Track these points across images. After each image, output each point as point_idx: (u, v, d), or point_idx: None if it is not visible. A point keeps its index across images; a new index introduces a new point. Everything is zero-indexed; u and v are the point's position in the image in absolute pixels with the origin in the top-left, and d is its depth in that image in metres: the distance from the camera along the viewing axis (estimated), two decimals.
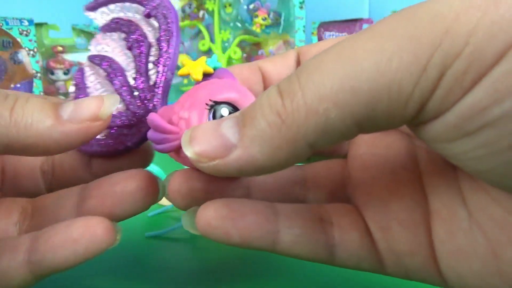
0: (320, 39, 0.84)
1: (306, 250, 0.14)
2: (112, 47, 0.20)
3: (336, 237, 0.14)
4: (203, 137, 0.12)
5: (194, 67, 0.16)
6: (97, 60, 0.20)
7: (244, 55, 0.76)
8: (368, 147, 0.16)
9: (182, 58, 0.18)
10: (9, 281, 0.14)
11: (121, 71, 0.19)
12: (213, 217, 0.13)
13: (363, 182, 0.15)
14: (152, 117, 0.14)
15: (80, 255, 0.14)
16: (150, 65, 0.18)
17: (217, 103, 0.14)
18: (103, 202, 0.15)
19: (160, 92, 0.17)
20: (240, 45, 0.75)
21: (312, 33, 0.85)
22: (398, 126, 0.10)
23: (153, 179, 0.15)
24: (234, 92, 0.15)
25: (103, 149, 0.18)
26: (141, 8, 0.19)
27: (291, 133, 0.10)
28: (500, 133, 0.09)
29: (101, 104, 0.14)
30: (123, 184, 0.15)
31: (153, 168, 0.32)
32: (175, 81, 0.76)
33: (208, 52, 0.76)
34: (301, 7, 0.75)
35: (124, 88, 0.18)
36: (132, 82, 0.18)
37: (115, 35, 0.20)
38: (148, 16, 0.19)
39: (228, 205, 0.14)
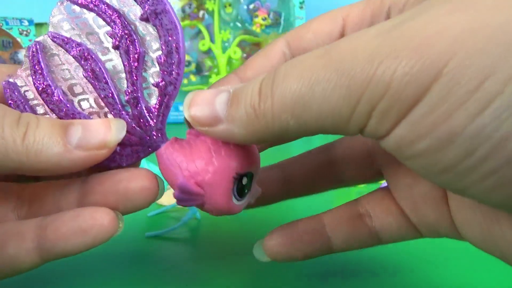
0: None
1: (356, 243, 0.17)
2: (84, 31, 0.16)
3: (376, 226, 0.17)
4: (200, 106, 0.14)
5: None
6: (66, 44, 0.16)
7: (244, 55, 0.76)
8: None
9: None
10: (19, 266, 0.15)
11: (106, 76, 0.16)
12: (277, 246, 0.17)
13: (389, 168, 0.17)
14: (185, 185, 0.15)
15: (88, 243, 0.15)
16: (149, 82, 0.16)
17: (241, 175, 0.16)
18: (106, 199, 0.15)
19: (163, 124, 0.17)
20: (240, 45, 0.75)
21: None
22: (349, 135, 0.13)
23: (155, 178, 0.16)
24: (252, 162, 0.16)
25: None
26: (134, 6, 0.16)
27: (261, 125, 0.13)
28: (430, 162, 0.11)
29: (108, 131, 0.15)
30: (126, 183, 0.15)
31: (152, 168, 0.32)
32: None
33: (208, 52, 0.76)
34: (301, 7, 0.75)
35: (112, 98, 0.16)
36: (122, 96, 0.16)
37: (87, 15, 0.16)
38: (145, 20, 0.16)
39: (285, 233, 0.17)
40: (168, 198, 0.33)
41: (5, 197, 0.17)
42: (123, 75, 0.16)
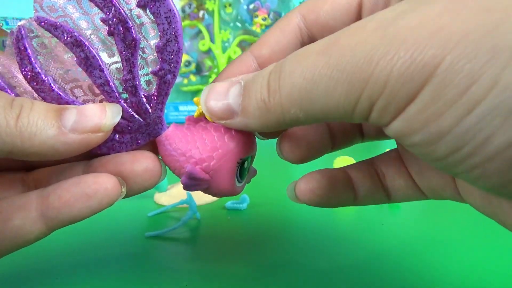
0: None
1: (373, 197, 0.18)
2: (74, 15, 0.16)
3: (389, 185, 0.18)
4: (215, 101, 0.15)
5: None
6: (56, 30, 0.15)
7: None
8: None
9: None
10: (26, 236, 0.15)
11: (101, 63, 0.16)
12: (316, 187, 0.17)
13: None
14: (193, 172, 0.16)
15: (94, 208, 0.15)
16: (146, 69, 0.16)
17: (243, 159, 0.17)
18: None
19: (162, 112, 0.17)
20: (240, 45, 0.75)
21: None
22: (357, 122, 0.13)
23: (158, 160, 0.16)
24: (253, 146, 0.18)
25: (92, 151, 0.16)
26: None
27: (273, 117, 0.14)
28: (425, 151, 0.12)
29: (103, 115, 0.15)
30: (130, 165, 0.16)
31: None
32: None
33: (208, 52, 0.76)
34: None
35: (108, 86, 0.16)
36: (118, 84, 0.16)
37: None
38: (141, 6, 0.15)
39: (323, 176, 0.17)
40: (168, 198, 0.33)
41: (10, 185, 0.17)
42: (120, 63, 0.16)
